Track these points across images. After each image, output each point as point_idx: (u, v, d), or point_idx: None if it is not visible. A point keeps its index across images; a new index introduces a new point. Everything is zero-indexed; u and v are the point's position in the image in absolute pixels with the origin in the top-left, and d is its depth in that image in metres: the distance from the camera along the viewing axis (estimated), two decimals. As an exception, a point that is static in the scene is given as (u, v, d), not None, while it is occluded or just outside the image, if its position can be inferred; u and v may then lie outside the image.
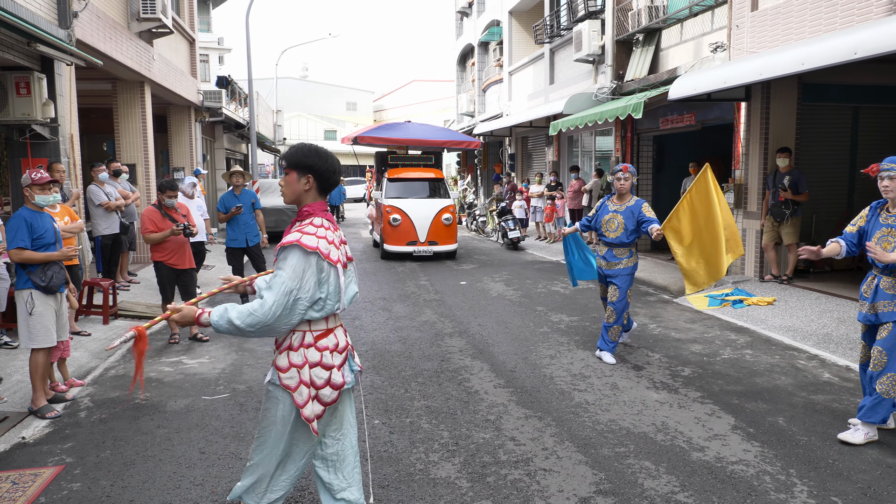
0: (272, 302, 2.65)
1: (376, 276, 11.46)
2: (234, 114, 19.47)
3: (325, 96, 56.38)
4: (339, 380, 2.88)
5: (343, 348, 2.94)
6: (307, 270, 2.72)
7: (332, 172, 2.90)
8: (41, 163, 7.95)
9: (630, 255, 6.22)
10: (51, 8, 8.07)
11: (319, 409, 2.84)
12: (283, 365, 2.83)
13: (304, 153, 2.87)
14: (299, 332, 2.83)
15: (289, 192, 2.89)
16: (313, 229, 2.79)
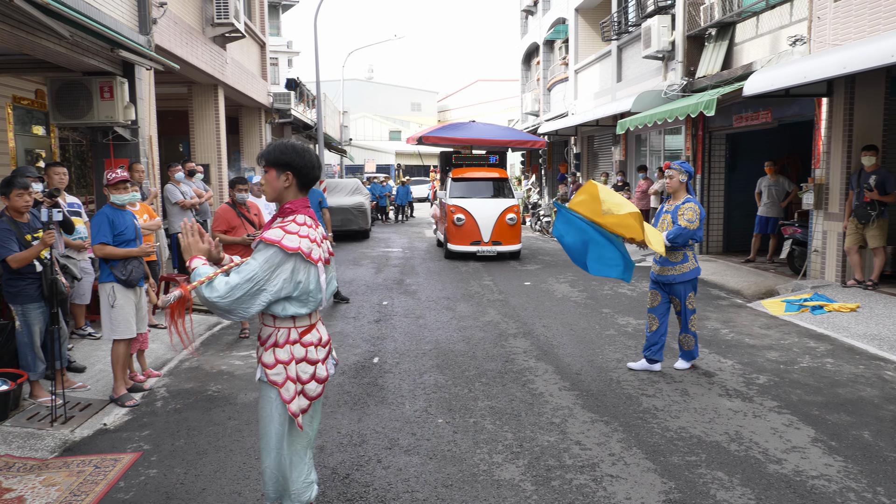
0: (234, 284, 2.65)
1: (440, 275, 11.49)
2: (303, 115, 19.90)
3: (390, 97, 57.06)
4: (324, 373, 2.95)
5: (325, 342, 3.00)
6: (280, 267, 2.73)
7: (310, 168, 2.90)
8: (122, 163, 8.31)
9: (685, 260, 5.76)
10: (132, 15, 8.43)
11: (305, 404, 2.91)
12: (269, 361, 2.87)
13: (281, 150, 2.87)
14: (284, 328, 2.87)
15: (269, 191, 2.90)
16: (295, 227, 2.78)
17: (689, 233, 5.65)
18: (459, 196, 13.54)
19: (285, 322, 2.88)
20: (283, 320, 2.87)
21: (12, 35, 5.96)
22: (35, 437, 4.50)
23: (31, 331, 5.08)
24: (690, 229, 5.64)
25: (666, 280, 5.84)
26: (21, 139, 10.63)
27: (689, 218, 5.63)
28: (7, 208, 5.07)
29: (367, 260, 13.65)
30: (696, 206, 5.68)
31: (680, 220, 5.65)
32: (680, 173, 5.84)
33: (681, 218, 5.65)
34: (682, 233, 5.65)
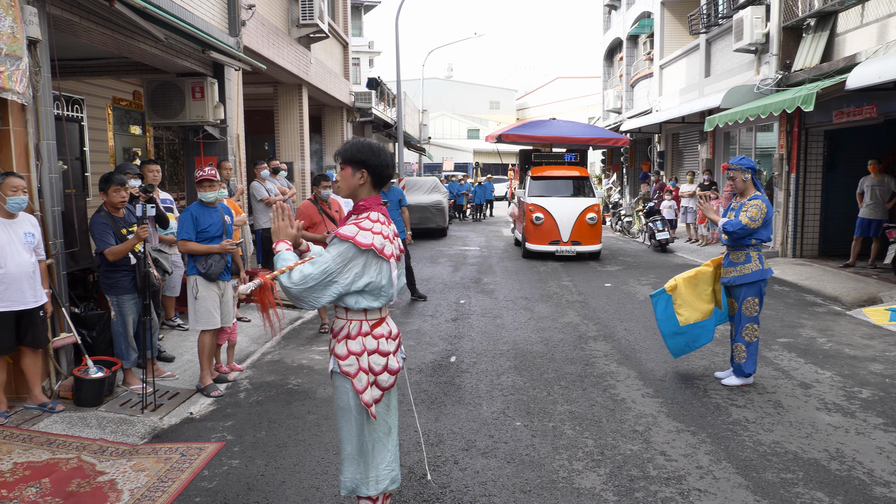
0: (307, 273, 2.72)
1: (518, 274, 11.35)
2: (383, 114, 20.16)
3: (469, 95, 57.11)
4: (395, 365, 2.98)
5: (395, 335, 3.03)
6: (352, 262, 2.78)
7: (384, 167, 2.94)
8: (211, 161, 8.63)
9: (747, 261, 5.33)
10: (222, 18, 8.72)
11: (378, 394, 2.94)
12: (342, 353, 2.92)
13: (358, 149, 2.92)
14: (356, 321, 2.92)
15: (345, 187, 2.96)
16: (369, 224, 2.83)
17: (748, 230, 5.26)
18: (539, 195, 13.34)
19: (357, 315, 2.92)
20: (355, 313, 2.92)
21: (113, 39, 6.25)
22: (127, 423, 4.69)
23: (125, 321, 5.32)
24: (750, 227, 5.24)
25: (727, 282, 5.47)
26: (119, 138, 11.21)
27: (752, 216, 5.24)
28: (105, 203, 5.32)
29: (445, 258, 13.66)
30: (762, 204, 5.26)
31: (742, 217, 5.28)
32: (741, 172, 5.42)
33: (743, 214, 5.28)
34: (741, 230, 5.25)
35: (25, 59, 4.68)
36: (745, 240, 5.32)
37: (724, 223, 5.36)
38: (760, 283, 5.37)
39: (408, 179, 18.12)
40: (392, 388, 3.01)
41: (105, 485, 3.82)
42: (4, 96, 4.49)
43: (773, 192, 12.97)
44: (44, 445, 4.30)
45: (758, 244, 5.36)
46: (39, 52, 4.94)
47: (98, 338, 5.63)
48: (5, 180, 4.54)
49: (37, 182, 4.99)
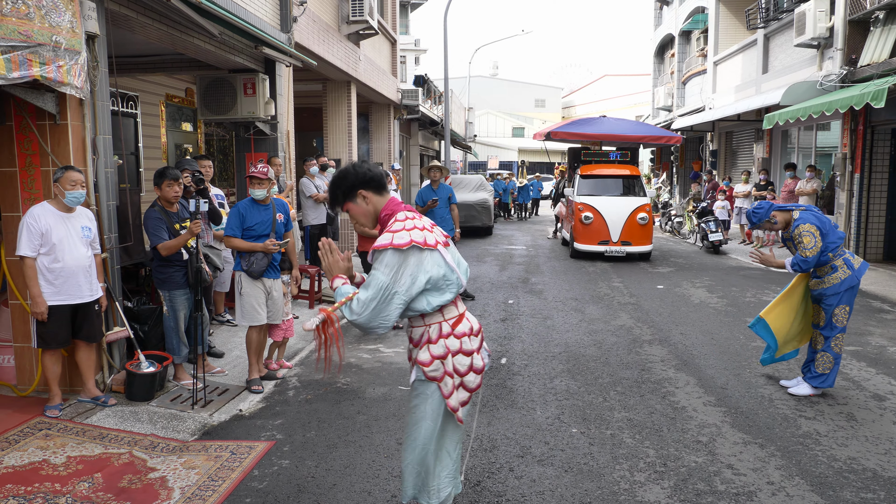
0: (365, 298, 2.62)
1: (566, 275, 11.12)
2: (430, 111, 20.09)
3: (514, 93, 56.71)
4: (480, 363, 2.86)
5: (477, 331, 2.91)
6: (402, 266, 2.66)
7: (365, 172, 2.83)
8: (261, 157, 8.64)
9: (833, 271, 5.00)
10: (275, 14, 8.73)
11: (465, 396, 2.84)
12: (425, 359, 2.79)
13: (337, 184, 2.85)
14: (435, 323, 2.80)
15: (364, 220, 2.87)
16: (399, 225, 2.73)
17: (815, 259, 4.94)
18: (588, 194, 13.06)
19: (434, 317, 2.80)
20: (431, 316, 2.80)
21: (168, 34, 6.28)
22: (177, 419, 4.68)
23: (177, 316, 5.32)
24: (813, 256, 4.92)
25: (816, 294, 5.14)
26: (172, 134, 11.37)
27: (807, 245, 4.93)
28: (159, 198, 5.32)
29: (491, 257, 13.49)
30: (806, 228, 4.94)
31: (801, 251, 4.97)
32: (766, 222, 5.24)
33: (800, 248, 4.97)
34: (807, 264, 4.96)
35: (83, 54, 4.70)
36: (821, 259, 5.02)
37: (791, 265, 5.07)
38: (852, 290, 5.05)
39: (453, 177, 18.01)
40: (479, 388, 2.89)
41: (156, 482, 3.79)
42: (63, 90, 4.51)
43: (835, 192, 12.42)
44: (96, 439, 4.30)
45: (836, 251, 5.03)
46: (97, 47, 4.96)
47: (150, 332, 5.65)
48: (65, 174, 4.56)
49: (93, 176, 5.02)
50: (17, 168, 4.87)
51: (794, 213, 5.14)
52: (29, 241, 4.45)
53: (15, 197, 4.89)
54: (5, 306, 5.09)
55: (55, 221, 4.54)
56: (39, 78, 4.25)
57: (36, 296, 4.48)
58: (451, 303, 2.83)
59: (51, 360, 4.69)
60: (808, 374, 5.19)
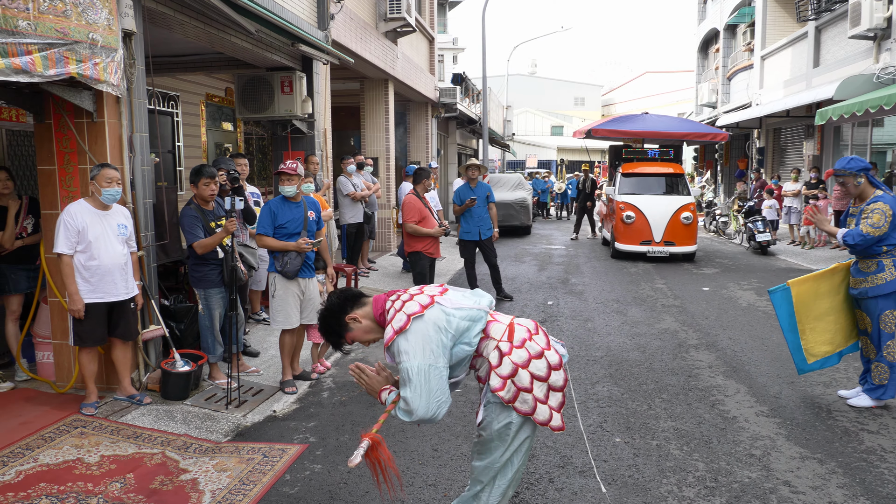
0: (410, 395, 2.46)
1: (607, 275, 10.84)
2: (468, 109, 19.92)
3: (553, 91, 56.13)
4: (556, 358, 2.64)
5: (535, 329, 2.70)
6: (419, 341, 2.50)
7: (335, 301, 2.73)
8: (299, 155, 8.60)
9: (880, 270, 4.64)
10: (311, 11, 8.68)
11: (558, 399, 2.61)
12: (496, 385, 2.57)
13: (327, 329, 2.73)
14: (492, 349, 2.60)
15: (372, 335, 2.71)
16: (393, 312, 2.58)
17: (872, 239, 4.57)
18: (629, 192, 12.73)
19: (486, 345, 2.63)
20: (482, 345, 2.63)
21: (205, 32, 6.25)
22: (211, 419, 4.62)
23: (212, 315, 5.27)
24: (874, 235, 4.55)
25: (857, 293, 4.79)
26: (212, 134, 11.45)
27: (875, 222, 4.55)
28: (195, 196, 5.28)
29: (530, 257, 13.27)
30: (885, 207, 4.56)
31: (863, 225, 4.59)
32: (852, 176, 4.76)
33: (864, 222, 4.60)
34: (862, 241, 4.59)
35: (120, 52, 4.67)
36: (873, 248, 4.65)
37: (843, 235, 4.71)
38: None
39: (492, 176, 17.81)
40: (567, 384, 2.66)
41: (187, 484, 3.72)
42: (99, 87, 4.49)
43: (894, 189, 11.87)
44: (130, 438, 4.27)
45: (891, 249, 4.68)
46: (134, 45, 4.94)
47: (186, 330, 5.64)
48: (101, 171, 4.54)
49: (129, 174, 5.00)
50: (55, 166, 4.87)
51: (878, 190, 4.79)
52: (66, 239, 4.44)
53: (54, 195, 4.90)
54: (45, 303, 5.12)
55: (91, 219, 4.52)
56: (76, 75, 4.23)
57: (73, 293, 4.47)
58: (490, 321, 2.66)
59: (87, 357, 4.68)
60: (866, 386, 4.88)
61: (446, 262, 11.86)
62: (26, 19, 3.90)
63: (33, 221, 5.28)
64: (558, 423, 2.60)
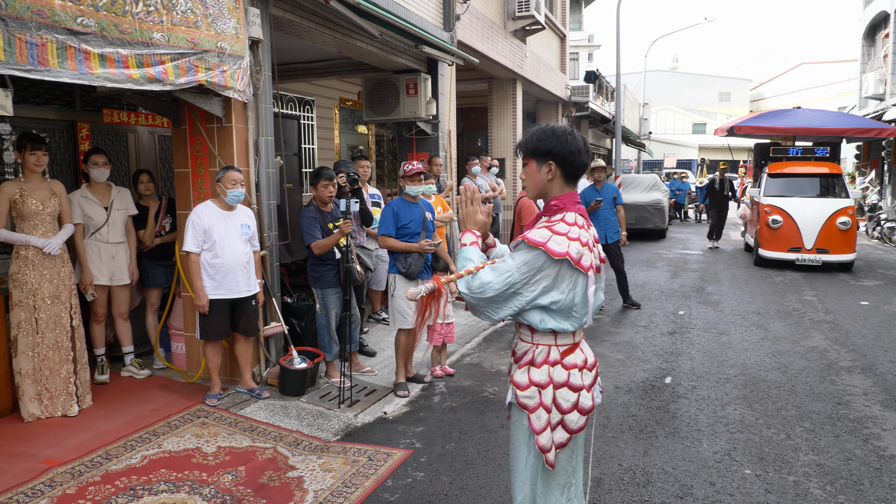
0: (487, 282, 2.29)
1: (748, 284, 10.00)
2: (601, 108, 19.31)
3: (695, 87, 53.33)
4: (588, 404, 2.42)
5: (592, 365, 2.48)
6: (541, 272, 2.31)
7: (575, 154, 2.38)
8: (423, 156, 8.66)
9: None
10: (437, 13, 8.70)
11: (563, 438, 2.39)
12: (522, 382, 2.40)
13: (539, 137, 2.42)
14: (543, 345, 2.39)
15: (531, 186, 2.48)
16: (564, 228, 2.32)
17: None
18: (777, 194, 11.69)
19: (545, 338, 2.39)
20: (542, 335, 2.39)
21: (332, 38, 6.41)
22: (323, 417, 4.69)
23: (329, 314, 5.37)
24: None
25: None
26: (344, 136, 11.84)
27: None
28: (315, 198, 5.41)
29: (663, 262, 12.58)
30: None
31: None
32: None
33: None
34: None
35: (247, 59, 4.87)
36: None
37: None
38: None
39: (624, 177, 17.11)
40: (581, 430, 2.44)
41: (293, 481, 3.77)
42: (226, 94, 4.70)
43: None
44: (246, 431, 4.42)
45: None
46: (261, 52, 5.13)
47: (306, 328, 5.80)
48: (226, 174, 4.75)
49: (254, 176, 5.20)
50: (189, 169, 5.17)
51: None
52: (193, 238, 4.68)
53: (187, 196, 5.20)
54: (179, 297, 5.45)
55: (217, 219, 4.74)
56: (204, 83, 4.44)
57: (198, 289, 4.70)
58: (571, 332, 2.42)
59: (212, 350, 4.92)
60: None
61: (572, 266, 11.51)
62: (160, 31, 4.14)
63: (171, 220, 5.65)
64: (551, 458, 2.37)
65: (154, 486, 3.65)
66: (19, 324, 4.42)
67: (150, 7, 4.07)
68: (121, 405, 4.82)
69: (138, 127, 6.99)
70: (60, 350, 4.54)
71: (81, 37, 3.64)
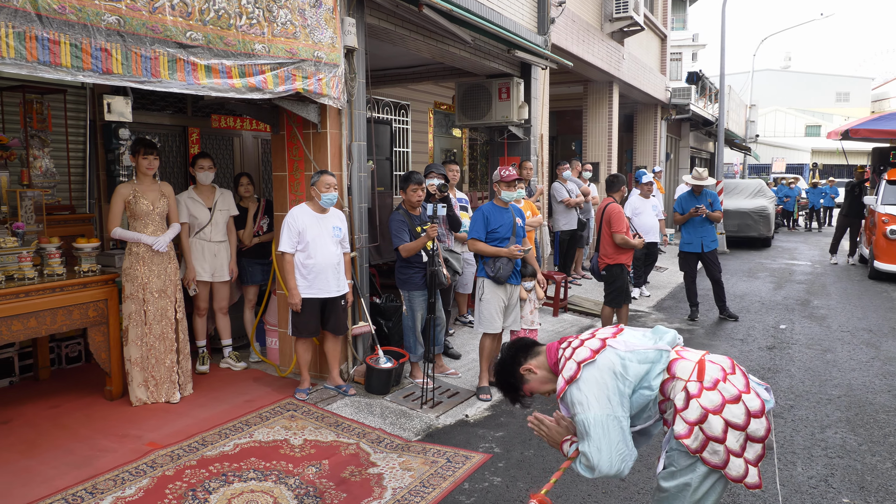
0: (590, 448, 2.28)
1: (860, 299, 9.34)
2: (703, 110, 18.57)
3: (809, 87, 50.26)
4: (757, 403, 2.26)
5: (731, 368, 2.36)
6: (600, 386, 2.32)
7: (508, 352, 2.69)
8: (514, 161, 8.66)
9: None
10: (531, 17, 8.67)
11: (758, 450, 2.24)
12: (681, 432, 2.28)
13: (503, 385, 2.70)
14: (678, 391, 2.32)
15: (549, 385, 2.58)
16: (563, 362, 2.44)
17: None
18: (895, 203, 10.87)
19: (672, 386, 2.36)
20: (666, 387, 2.37)
21: (425, 44, 6.54)
22: (405, 417, 4.80)
23: (414, 316, 5.48)
24: None
25: None
26: (438, 140, 12.02)
27: None
28: (404, 202, 5.54)
29: (766, 272, 11.95)
30: None
31: None
32: None
33: None
34: None
35: (342, 67, 5.05)
36: None
37: None
38: None
39: (727, 182, 16.39)
40: (770, 433, 2.27)
41: (373, 478, 3.88)
42: (322, 101, 4.89)
43: None
44: (331, 427, 4.58)
45: None
46: (355, 60, 5.31)
47: (393, 329, 5.94)
48: (320, 178, 4.95)
49: (347, 180, 5.39)
50: (286, 172, 5.42)
51: None
52: (288, 239, 4.90)
53: (284, 198, 5.46)
54: (275, 294, 5.72)
55: (310, 221, 4.94)
56: (301, 90, 4.65)
57: (292, 288, 4.92)
58: (675, 359, 2.38)
59: (303, 347, 5.13)
60: None
61: (665, 276, 11.15)
62: (261, 42, 4.37)
63: (268, 221, 5.95)
64: (755, 480, 2.23)
65: (244, 474, 3.86)
66: (130, 315, 4.79)
67: (253, 20, 4.31)
68: (218, 395, 5.12)
69: (243, 131, 7.39)
70: (165, 341, 4.88)
71: (190, 49, 3.90)
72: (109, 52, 3.48)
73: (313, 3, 4.77)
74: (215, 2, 4.04)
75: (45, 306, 4.44)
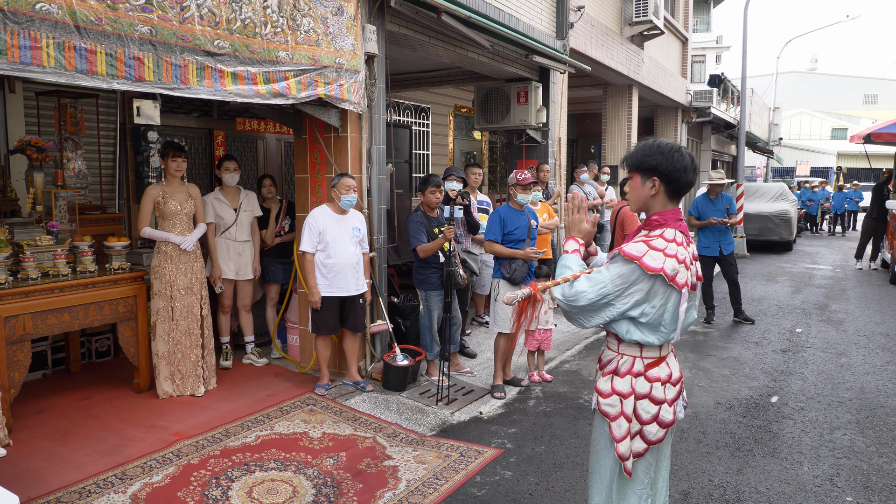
0: (581, 291, 2.40)
1: (879, 304, 9.30)
2: (724, 113, 18.50)
3: (836, 89, 49.60)
4: (669, 417, 2.46)
5: (676, 380, 2.51)
6: (634, 286, 2.38)
7: (681, 171, 2.41)
8: (532, 164, 8.76)
9: None
10: (550, 22, 8.78)
11: (640, 448, 2.46)
12: (604, 389, 2.49)
13: (645, 152, 2.46)
14: (628, 356, 2.47)
15: (633, 199, 2.54)
16: (662, 244, 2.36)
17: None
18: (918, 207, 10.78)
19: (630, 349, 2.47)
20: (628, 346, 2.47)
21: (444, 49, 6.68)
22: (421, 413, 4.94)
23: (431, 315, 5.62)
24: None
25: None
26: (458, 142, 12.16)
27: None
28: (422, 203, 5.68)
29: (785, 276, 11.92)
30: None
31: None
32: None
33: None
34: None
35: (362, 73, 5.21)
36: None
37: None
38: None
39: (748, 185, 16.31)
40: (661, 443, 2.49)
41: (388, 470, 4.03)
42: (343, 106, 5.06)
43: None
44: (349, 421, 4.74)
45: None
46: (376, 66, 5.47)
47: (410, 327, 6.09)
48: (340, 180, 5.11)
49: (366, 182, 5.54)
50: (308, 175, 5.60)
51: None
52: (309, 239, 5.08)
53: (306, 200, 5.63)
54: (296, 293, 5.90)
55: (331, 222, 5.11)
56: (323, 96, 4.82)
57: (312, 287, 5.09)
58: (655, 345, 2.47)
59: (322, 344, 5.30)
60: None
61: (684, 277, 11.16)
62: (285, 50, 4.54)
63: (290, 222, 6.13)
64: (629, 468, 2.46)
65: (265, 464, 4.03)
66: (158, 311, 4.99)
67: (277, 28, 4.48)
68: (241, 389, 5.30)
69: (266, 134, 7.59)
70: (191, 336, 5.08)
71: (217, 57, 4.08)
72: (142, 61, 3.67)
73: (335, 12, 4.94)
74: (242, 11, 4.22)
75: (77, 302, 4.65)
